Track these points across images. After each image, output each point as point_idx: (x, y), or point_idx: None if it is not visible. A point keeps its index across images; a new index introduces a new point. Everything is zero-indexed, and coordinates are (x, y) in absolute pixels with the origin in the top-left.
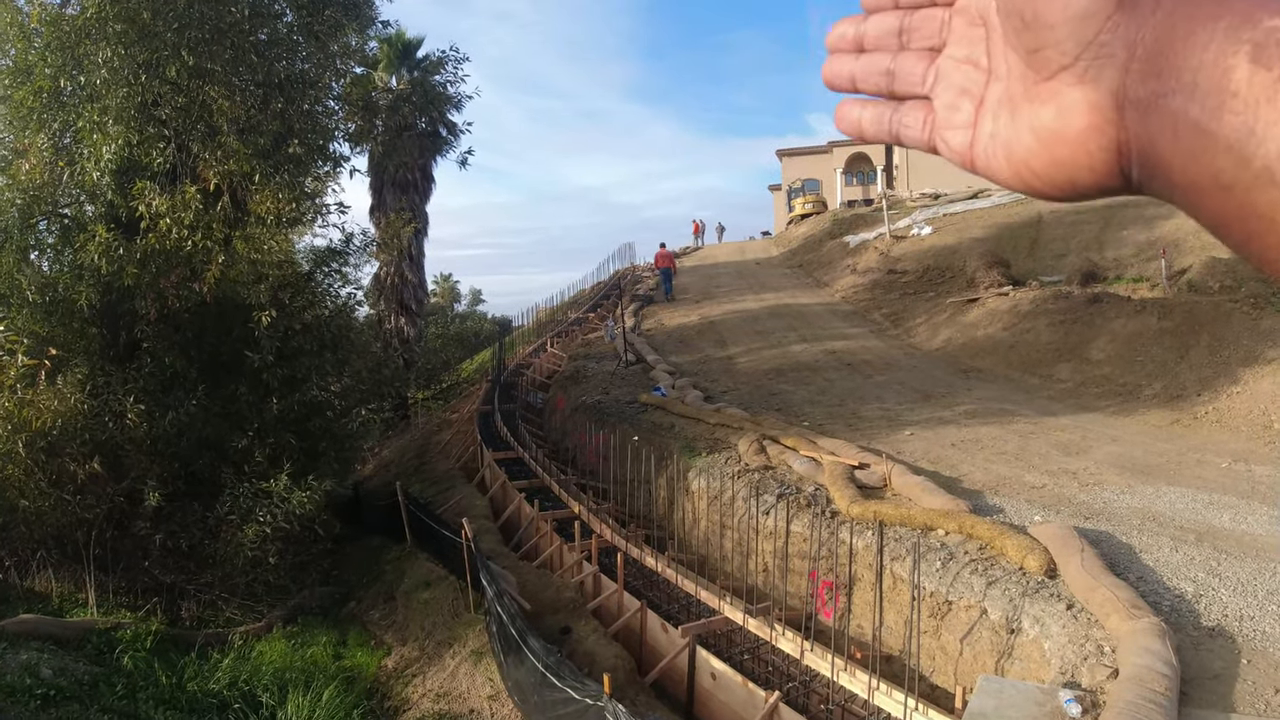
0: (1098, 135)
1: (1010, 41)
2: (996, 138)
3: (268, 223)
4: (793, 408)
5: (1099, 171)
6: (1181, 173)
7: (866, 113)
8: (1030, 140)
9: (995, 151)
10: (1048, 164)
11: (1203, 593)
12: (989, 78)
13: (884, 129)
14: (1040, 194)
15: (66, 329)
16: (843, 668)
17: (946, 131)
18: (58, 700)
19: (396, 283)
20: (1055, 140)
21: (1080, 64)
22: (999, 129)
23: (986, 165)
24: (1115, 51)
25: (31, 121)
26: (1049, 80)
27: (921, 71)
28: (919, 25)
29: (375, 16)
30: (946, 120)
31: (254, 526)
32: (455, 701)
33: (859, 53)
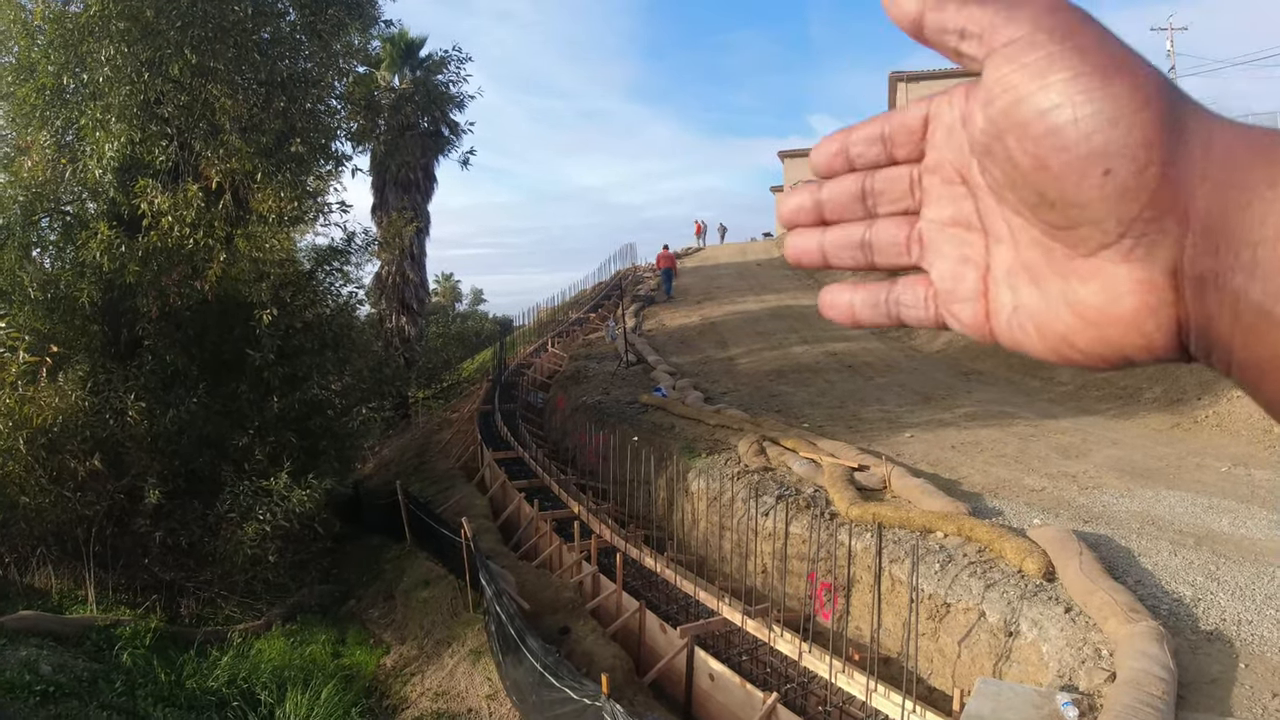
0: (1153, 315)
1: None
2: (1022, 311)
3: (269, 221)
4: (793, 409)
5: (1156, 349)
6: (1242, 351)
7: (858, 297)
8: (1069, 318)
9: (1023, 326)
10: (1095, 342)
11: (1201, 597)
12: (987, 239)
13: (882, 313)
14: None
15: (68, 326)
16: (841, 669)
17: (953, 305)
18: (57, 697)
19: (398, 282)
20: (1103, 320)
21: (1126, 241)
22: (1023, 301)
23: (1013, 340)
24: (1167, 226)
25: (34, 119)
26: (1084, 258)
27: (903, 239)
28: (884, 188)
29: (378, 16)
30: (950, 293)
31: (254, 524)
32: (454, 700)
33: (822, 225)
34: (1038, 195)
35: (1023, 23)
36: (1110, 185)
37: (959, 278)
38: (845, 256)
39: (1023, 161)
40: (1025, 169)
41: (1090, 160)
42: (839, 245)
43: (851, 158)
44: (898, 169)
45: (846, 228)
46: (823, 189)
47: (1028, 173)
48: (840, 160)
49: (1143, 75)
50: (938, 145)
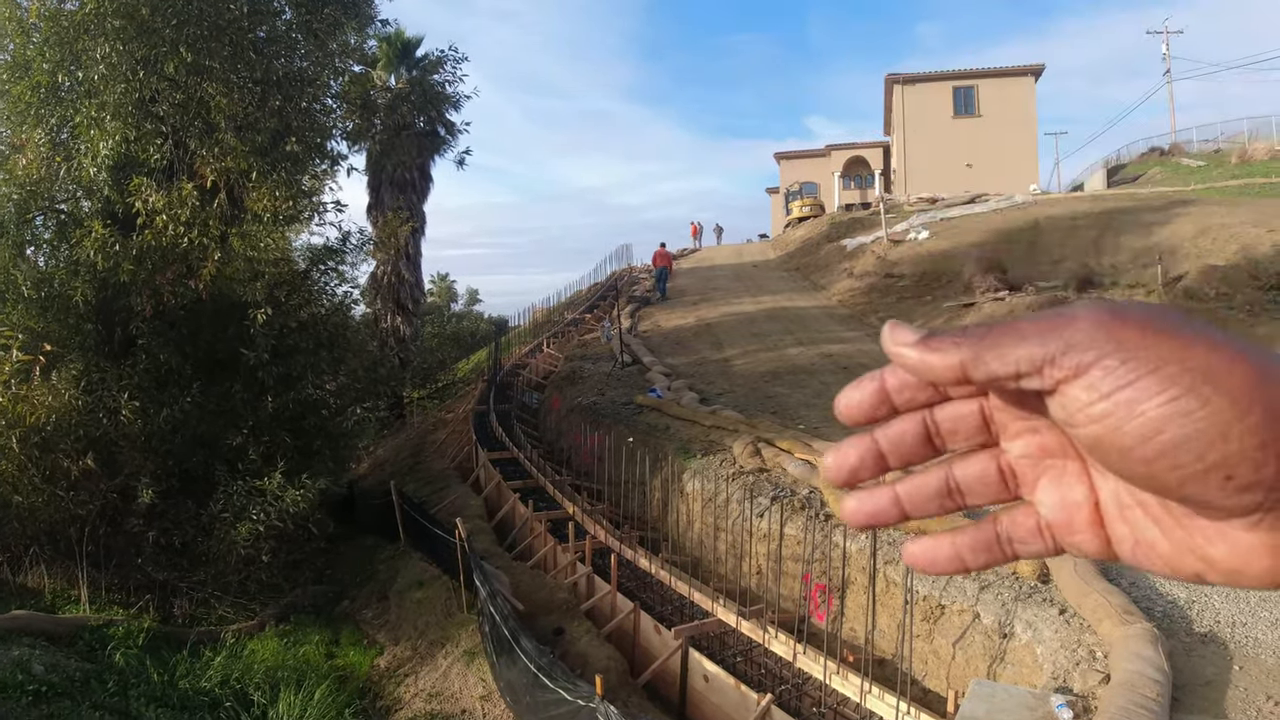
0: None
1: None
2: (1144, 547)
3: (264, 220)
4: (788, 410)
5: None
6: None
7: (963, 543)
8: (1197, 562)
9: (1150, 557)
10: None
11: (1195, 599)
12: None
13: (997, 555)
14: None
15: (62, 325)
16: (835, 671)
17: (1073, 538)
18: (49, 696)
19: (393, 282)
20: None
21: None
22: (1144, 537)
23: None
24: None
25: (29, 116)
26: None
27: (995, 474)
28: (951, 427)
29: (374, 15)
30: (1064, 527)
31: (247, 524)
32: (447, 701)
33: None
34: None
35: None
36: (1233, 485)
37: (1069, 509)
38: (933, 506)
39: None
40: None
41: (1209, 472)
42: (921, 496)
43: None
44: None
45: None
46: (880, 439)
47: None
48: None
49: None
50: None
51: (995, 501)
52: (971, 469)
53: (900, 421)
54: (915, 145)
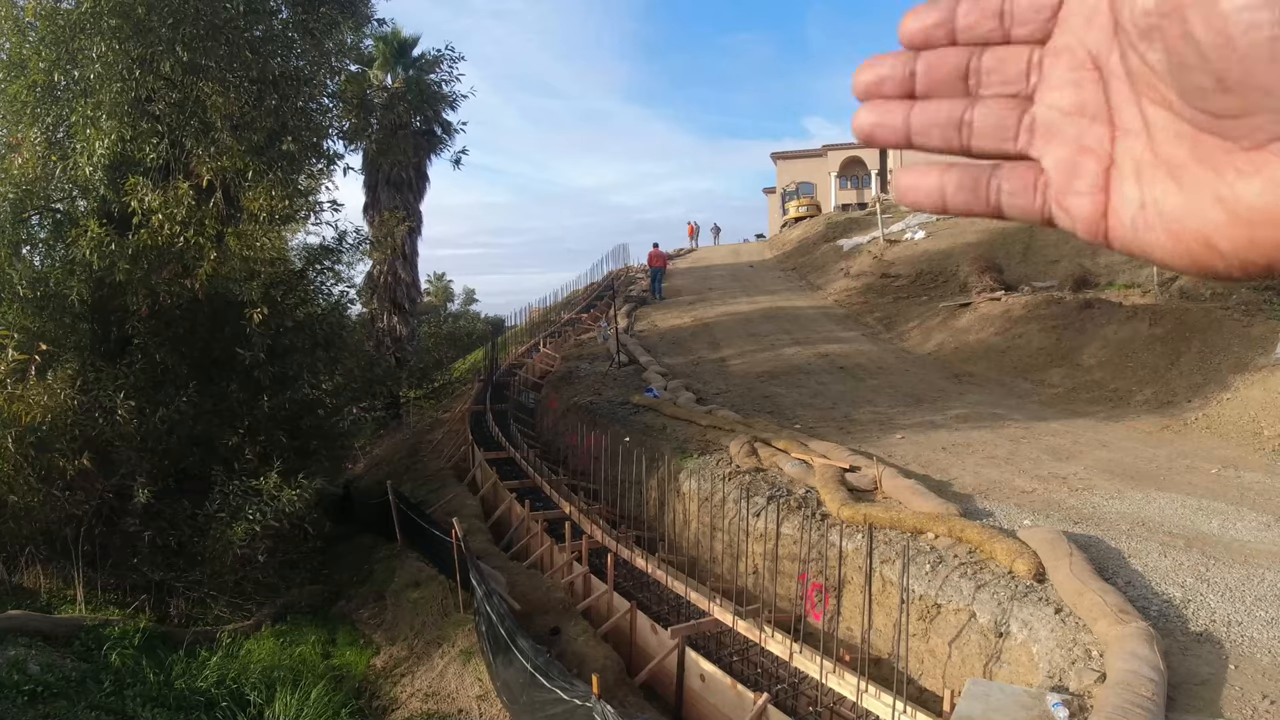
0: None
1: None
2: (1152, 208)
3: (261, 220)
4: (785, 410)
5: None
6: None
7: (951, 179)
8: (1218, 215)
9: (1150, 224)
10: (1243, 245)
11: (1191, 598)
12: (1114, 131)
13: (979, 199)
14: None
15: (57, 324)
16: (831, 670)
17: (1066, 198)
18: (45, 696)
19: (390, 281)
20: (1261, 219)
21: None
22: (1155, 197)
23: (1135, 240)
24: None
25: (25, 115)
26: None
27: (1012, 124)
28: (995, 66)
29: (371, 14)
30: (1064, 185)
31: (243, 524)
32: (444, 701)
33: (908, 99)
34: (1214, 79)
35: None
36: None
37: (1076, 169)
38: (935, 135)
39: (1204, 39)
40: (1205, 48)
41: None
42: (930, 122)
43: (958, 29)
44: (1012, 48)
45: (941, 103)
46: (919, 58)
47: (1208, 52)
48: (943, 31)
49: None
50: (1073, 28)
51: (1000, 151)
52: (991, 109)
53: (944, 52)
54: None
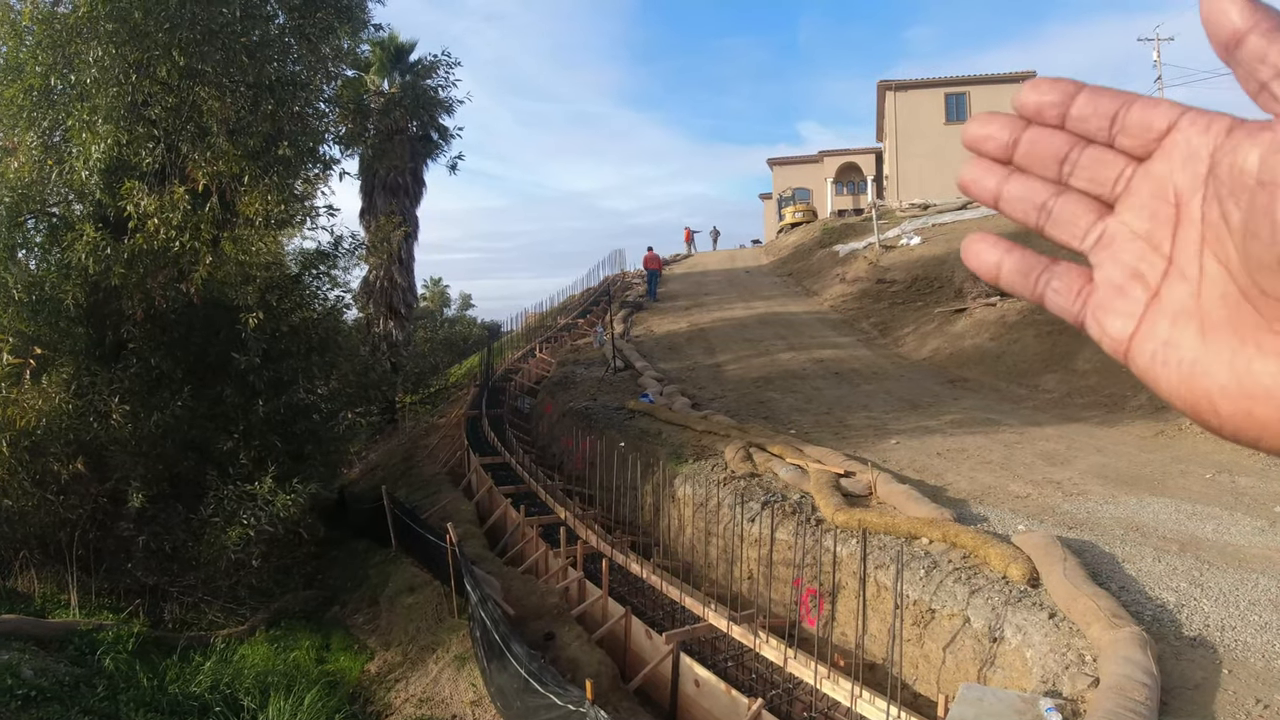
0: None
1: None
2: (1173, 350)
3: (256, 224)
4: (780, 416)
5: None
6: None
7: (1010, 260)
8: (1226, 380)
9: (1168, 364)
10: (1238, 414)
11: (1184, 603)
12: (1169, 269)
13: (1028, 286)
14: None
15: (52, 328)
16: (826, 675)
17: (1104, 314)
18: (38, 701)
19: (386, 286)
20: (1262, 398)
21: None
22: (1178, 342)
23: (1149, 371)
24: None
25: (21, 119)
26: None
27: (1086, 225)
28: (1089, 165)
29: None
30: (1107, 302)
31: (238, 529)
32: (438, 707)
33: (1006, 164)
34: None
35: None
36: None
37: (1123, 291)
38: (1018, 209)
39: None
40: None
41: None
42: (1019, 197)
43: (1070, 115)
44: (1112, 154)
45: (1032, 183)
46: (1026, 132)
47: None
48: (1054, 112)
49: None
50: (1171, 158)
51: (1067, 243)
52: (1073, 205)
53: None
54: (908, 151)
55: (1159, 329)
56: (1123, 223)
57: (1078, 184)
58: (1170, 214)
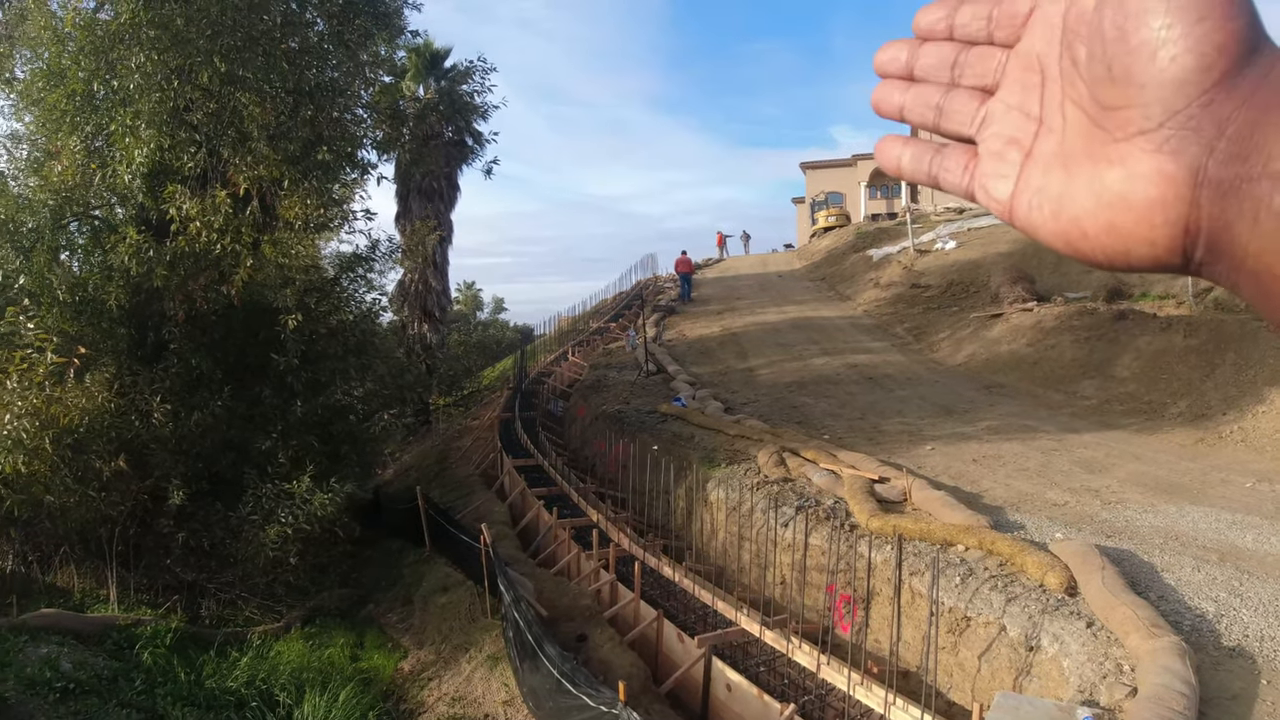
0: (1165, 210)
1: (1076, 93)
2: (1044, 193)
3: (295, 228)
4: (813, 420)
5: (1159, 246)
6: (1256, 259)
7: (907, 152)
8: (1087, 201)
9: (1042, 207)
10: (1102, 229)
11: (1224, 613)
12: (1040, 128)
13: (923, 170)
14: (1085, 258)
15: (95, 328)
16: (859, 682)
17: (989, 180)
18: (77, 694)
19: (420, 289)
20: (1118, 206)
21: (1163, 132)
22: (1048, 184)
23: (1028, 219)
24: (1203, 127)
25: (64, 124)
26: (1121, 142)
27: (971, 112)
28: (973, 62)
29: (404, 26)
30: (990, 169)
31: (275, 527)
32: (470, 706)
33: (909, 80)
34: (1106, 69)
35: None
36: (1171, 72)
37: (1002, 157)
38: (918, 114)
39: (1109, 32)
40: (1107, 40)
41: (1165, 44)
42: (917, 104)
43: (955, 25)
44: (991, 49)
45: (927, 89)
46: (921, 48)
47: (1108, 44)
48: (943, 26)
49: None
50: (1034, 35)
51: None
52: (960, 98)
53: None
54: None
55: (1033, 181)
56: (1000, 100)
57: (966, 82)
58: (1037, 81)
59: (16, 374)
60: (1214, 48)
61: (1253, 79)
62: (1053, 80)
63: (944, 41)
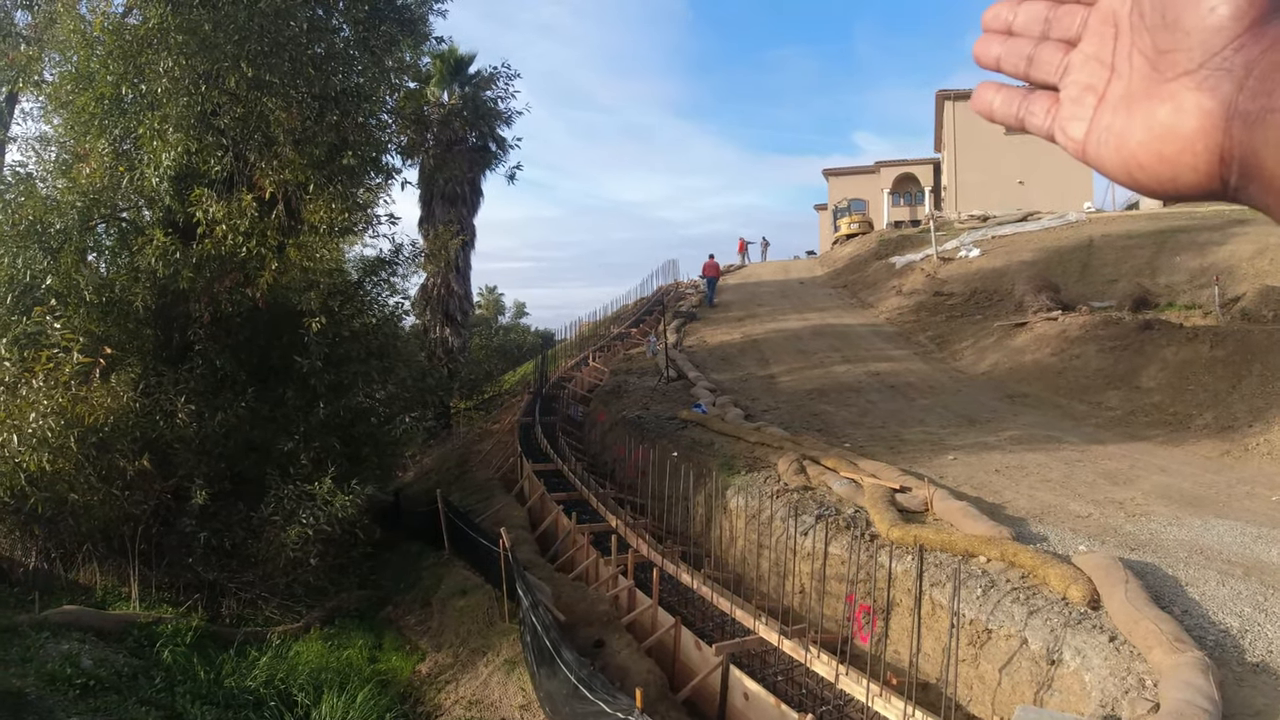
0: (1205, 138)
1: (1141, 42)
2: (1111, 129)
3: (320, 231)
4: (834, 429)
5: (1200, 172)
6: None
7: (999, 96)
8: (1143, 134)
9: (1108, 141)
10: (1155, 158)
11: (1248, 628)
12: (1112, 75)
13: (1011, 113)
14: (1143, 187)
15: (121, 329)
16: (878, 694)
17: (1068, 122)
18: (97, 690)
19: (443, 294)
20: (1166, 137)
21: (1202, 72)
22: (1114, 122)
23: (1097, 155)
24: (1234, 67)
25: (93, 127)
26: (1170, 82)
27: (1057, 62)
28: (1061, 18)
29: (429, 33)
30: (1070, 112)
31: (296, 528)
32: (487, 710)
33: (1007, 35)
34: (1161, 16)
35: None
36: (1211, 19)
37: (1080, 101)
38: (1012, 63)
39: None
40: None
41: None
42: (1011, 54)
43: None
44: (1076, 7)
45: (1020, 41)
46: (1020, 6)
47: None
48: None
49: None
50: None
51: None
52: (1047, 50)
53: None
54: (966, 162)
55: (1103, 121)
56: (1080, 52)
57: (1055, 34)
58: (1111, 34)
59: (43, 373)
60: (1247, 0)
61: (1277, 28)
62: (1124, 33)
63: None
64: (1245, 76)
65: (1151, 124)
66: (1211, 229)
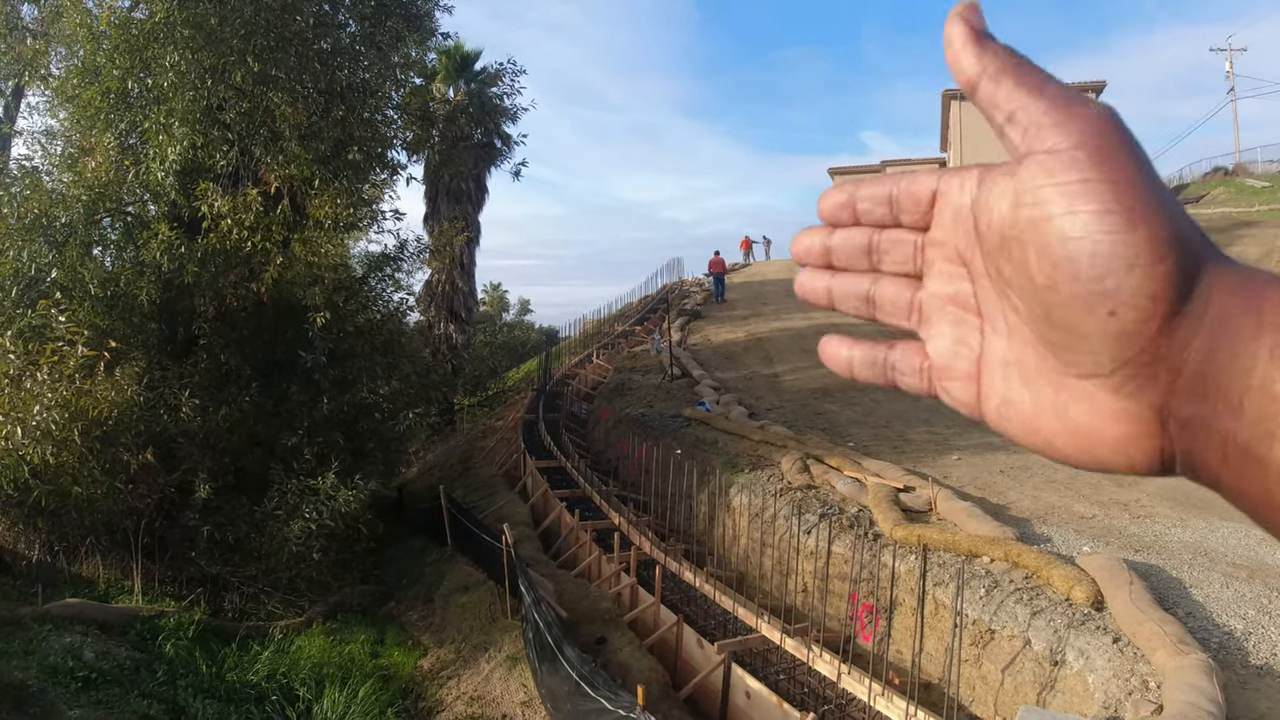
0: (1137, 444)
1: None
2: (1010, 406)
3: (325, 227)
4: (838, 428)
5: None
6: (1230, 486)
7: (856, 354)
8: (1056, 426)
9: (1011, 419)
10: (1079, 452)
11: (1252, 630)
12: (984, 325)
13: (879, 374)
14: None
15: (126, 323)
16: (880, 693)
17: (948, 382)
18: (99, 683)
19: (447, 290)
20: (1088, 438)
21: (1117, 378)
22: (1012, 397)
23: (1001, 428)
24: (1158, 373)
25: (99, 121)
26: (1079, 379)
27: (905, 303)
28: (889, 248)
29: (435, 29)
30: (945, 370)
31: (300, 523)
32: (488, 706)
33: (830, 269)
34: (1043, 311)
35: (1070, 134)
36: (1112, 325)
37: (954, 357)
38: (850, 305)
39: (1036, 276)
40: (1037, 283)
41: (1099, 298)
42: (845, 293)
43: (858, 213)
44: (903, 233)
45: (852, 278)
46: (833, 235)
47: (1038, 288)
48: (847, 213)
49: (1167, 227)
50: (943, 225)
51: (898, 326)
52: (890, 287)
53: (850, 232)
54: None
55: (995, 386)
56: (931, 294)
57: (888, 268)
58: (964, 274)
59: (47, 366)
60: (1149, 298)
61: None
62: (982, 279)
63: (854, 227)
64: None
65: (1066, 420)
66: (1218, 231)
